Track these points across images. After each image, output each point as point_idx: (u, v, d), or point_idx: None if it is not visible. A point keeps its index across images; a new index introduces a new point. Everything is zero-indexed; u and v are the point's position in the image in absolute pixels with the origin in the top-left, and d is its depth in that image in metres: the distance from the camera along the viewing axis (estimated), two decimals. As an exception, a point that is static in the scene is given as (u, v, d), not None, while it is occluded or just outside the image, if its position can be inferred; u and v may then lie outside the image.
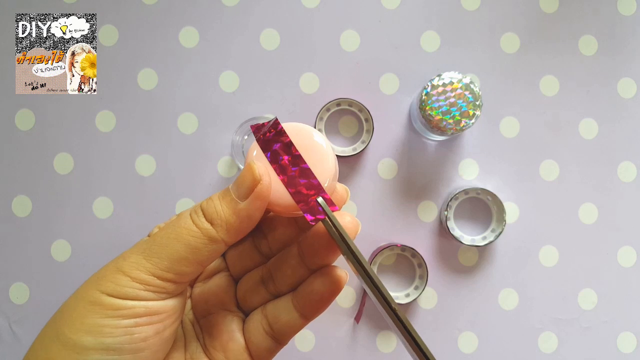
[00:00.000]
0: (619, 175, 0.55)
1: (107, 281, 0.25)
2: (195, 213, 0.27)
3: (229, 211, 0.27)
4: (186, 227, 0.26)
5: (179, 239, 0.26)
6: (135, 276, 0.25)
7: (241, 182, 0.27)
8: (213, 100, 0.55)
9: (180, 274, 0.26)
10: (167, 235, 0.26)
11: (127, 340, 0.25)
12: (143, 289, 0.25)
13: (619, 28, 0.56)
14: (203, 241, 0.26)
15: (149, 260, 0.26)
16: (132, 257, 0.26)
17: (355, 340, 0.54)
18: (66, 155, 0.54)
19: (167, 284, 0.26)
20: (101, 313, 0.25)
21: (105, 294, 0.25)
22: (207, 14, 0.55)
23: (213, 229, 0.26)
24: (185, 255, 0.26)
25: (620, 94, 0.56)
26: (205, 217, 0.27)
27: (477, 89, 0.49)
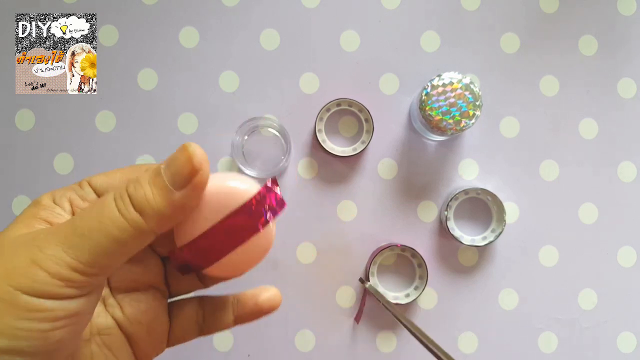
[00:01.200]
0: (619, 175, 0.56)
1: (21, 275, 0.22)
2: (121, 200, 0.23)
3: (162, 201, 0.23)
4: (111, 218, 0.23)
5: (103, 231, 0.23)
6: (54, 272, 0.22)
7: (177, 170, 0.23)
8: (213, 101, 0.55)
9: (104, 267, 0.23)
10: (89, 224, 0.23)
11: (43, 344, 0.22)
12: (64, 285, 0.22)
13: (619, 28, 0.56)
14: (130, 233, 0.23)
15: (69, 253, 0.22)
16: (49, 248, 0.22)
17: (355, 340, 0.54)
18: (66, 155, 0.54)
19: (91, 278, 0.23)
20: (15, 315, 0.21)
21: (20, 291, 0.22)
22: (207, 14, 0.55)
23: (142, 220, 0.23)
24: (109, 248, 0.23)
25: (620, 94, 0.56)
26: (134, 206, 0.23)
27: (477, 89, 0.49)
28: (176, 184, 0.23)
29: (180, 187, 0.23)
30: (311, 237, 0.54)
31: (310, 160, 0.55)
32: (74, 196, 0.27)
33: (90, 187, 0.28)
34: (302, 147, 0.55)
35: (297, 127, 0.54)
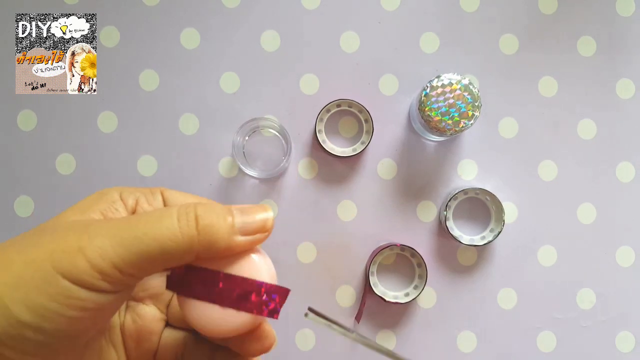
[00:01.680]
0: (618, 176, 0.56)
1: (65, 260, 0.23)
2: (186, 216, 0.24)
3: (225, 235, 0.25)
4: (169, 229, 0.24)
5: (156, 238, 0.23)
6: (96, 264, 0.23)
7: (251, 220, 0.26)
8: (214, 101, 0.55)
9: (143, 270, 0.24)
10: (144, 229, 0.24)
11: (67, 329, 0.23)
12: (100, 278, 0.23)
13: (618, 29, 0.56)
14: (182, 249, 0.24)
15: (115, 250, 0.23)
16: (98, 239, 0.23)
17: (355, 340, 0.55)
18: (68, 155, 0.55)
19: (127, 278, 0.24)
20: (51, 295, 0.22)
21: (60, 274, 0.22)
22: (208, 15, 0.55)
23: (197, 242, 0.24)
24: (156, 256, 0.24)
25: (619, 95, 0.56)
26: (197, 225, 0.24)
27: (476, 90, 0.49)
28: (243, 231, 0.25)
29: (245, 234, 0.25)
30: (311, 237, 0.55)
31: (311, 160, 0.55)
32: (142, 198, 0.28)
33: (162, 197, 0.29)
34: (303, 148, 0.55)
35: (297, 128, 0.55)
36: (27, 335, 0.22)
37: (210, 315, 0.26)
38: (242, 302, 0.26)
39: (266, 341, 0.28)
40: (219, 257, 0.26)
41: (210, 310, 0.26)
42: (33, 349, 0.23)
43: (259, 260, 0.27)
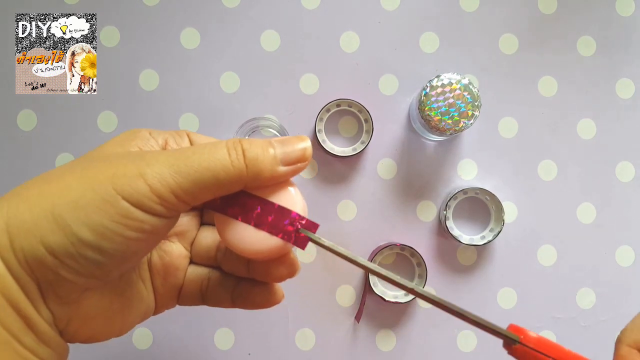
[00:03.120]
0: (617, 175, 0.56)
1: (126, 183, 0.24)
2: (234, 149, 0.26)
3: (268, 165, 0.27)
4: (222, 161, 0.26)
5: (210, 169, 0.25)
6: (156, 188, 0.24)
7: (291, 150, 0.27)
8: (214, 101, 0.55)
9: (196, 198, 0.26)
10: (199, 160, 0.25)
11: (123, 250, 0.24)
12: (159, 202, 0.24)
13: (618, 29, 0.56)
14: (232, 178, 0.26)
15: (173, 177, 0.25)
16: (157, 166, 0.25)
17: (355, 339, 0.55)
18: (68, 155, 0.55)
19: (181, 204, 0.25)
20: (111, 216, 0.24)
21: (121, 196, 0.24)
22: (208, 15, 0.55)
23: (245, 172, 0.26)
24: (209, 184, 0.25)
25: (619, 95, 0.56)
26: (244, 158, 0.26)
27: (475, 89, 0.49)
28: (285, 161, 0.27)
29: (286, 164, 0.27)
30: (311, 237, 0.55)
31: (310, 160, 0.55)
32: (170, 139, 0.30)
33: (188, 139, 0.31)
34: (302, 147, 0.55)
35: (297, 128, 0.55)
36: (86, 254, 0.24)
37: (246, 235, 0.28)
38: (275, 228, 0.28)
39: (292, 267, 0.30)
40: (262, 187, 0.28)
41: (246, 230, 0.28)
42: (89, 269, 0.24)
43: (295, 194, 0.29)
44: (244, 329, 0.54)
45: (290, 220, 0.28)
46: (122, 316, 0.29)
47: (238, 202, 0.28)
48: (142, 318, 0.31)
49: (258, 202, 0.28)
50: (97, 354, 0.54)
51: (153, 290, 0.31)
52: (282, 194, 0.28)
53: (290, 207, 0.28)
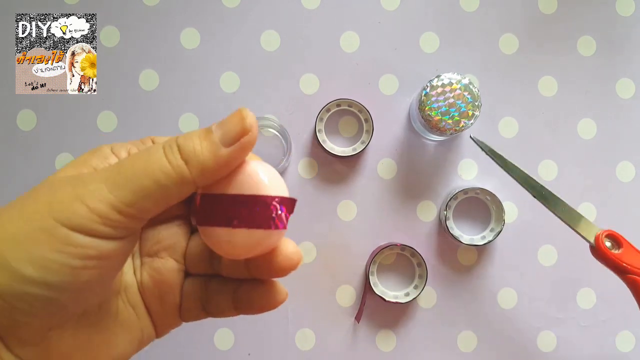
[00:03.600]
0: (618, 175, 0.56)
1: (64, 209, 0.22)
2: (170, 148, 0.24)
3: (208, 154, 0.24)
4: (158, 163, 0.24)
5: (148, 174, 0.23)
6: (94, 207, 0.22)
7: (229, 128, 0.25)
8: (214, 101, 0.55)
9: (143, 210, 0.24)
10: (135, 166, 0.24)
11: (72, 282, 0.22)
12: (101, 222, 0.23)
13: (618, 29, 0.56)
14: (174, 180, 0.24)
15: (112, 192, 0.23)
16: (93, 184, 0.23)
17: (356, 339, 0.55)
18: (68, 155, 0.55)
19: (128, 219, 0.23)
20: (51, 246, 0.22)
21: (60, 223, 0.22)
22: (208, 15, 0.55)
23: (187, 169, 0.24)
24: (152, 192, 0.23)
25: (619, 94, 0.56)
26: (181, 155, 0.24)
27: (476, 89, 0.49)
28: (225, 141, 0.24)
29: (228, 144, 0.24)
30: (311, 237, 0.55)
31: (311, 160, 0.55)
32: (133, 149, 0.28)
33: (152, 143, 0.29)
34: (302, 147, 0.55)
35: (297, 127, 0.55)
36: (33, 291, 0.22)
37: (227, 239, 0.26)
38: (252, 221, 0.25)
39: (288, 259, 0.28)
40: (224, 179, 0.26)
41: (226, 233, 0.25)
42: (41, 307, 0.23)
43: (258, 171, 0.26)
44: (244, 329, 0.54)
45: (262, 206, 0.25)
46: (108, 349, 0.27)
47: (208, 204, 0.26)
48: (137, 347, 0.29)
49: (222, 200, 0.26)
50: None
51: (149, 314, 0.29)
52: (245, 178, 0.26)
53: (257, 189, 0.26)
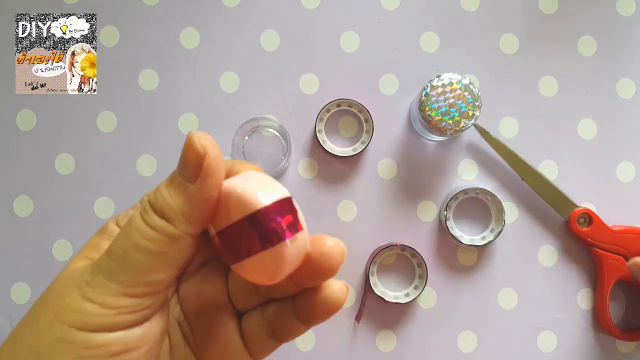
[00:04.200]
0: (618, 175, 0.56)
1: (73, 312, 0.21)
2: (145, 211, 0.22)
3: (180, 199, 0.22)
4: (140, 232, 0.22)
5: (137, 247, 0.22)
6: (102, 302, 0.21)
7: (185, 162, 0.22)
8: (214, 101, 0.55)
9: (153, 284, 0.22)
10: (122, 245, 0.22)
11: None
12: (116, 313, 0.21)
13: (618, 29, 0.56)
14: (164, 241, 0.22)
15: (112, 281, 0.22)
16: (94, 280, 0.22)
17: (356, 340, 0.55)
18: (67, 155, 0.55)
19: (143, 299, 0.22)
20: (74, 353, 0.21)
21: (74, 328, 0.21)
22: (208, 15, 0.55)
23: (169, 225, 0.22)
24: (151, 263, 0.22)
25: (620, 95, 0.56)
26: (156, 212, 0.22)
27: (476, 89, 0.49)
28: (189, 177, 0.22)
29: (193, 178, 0.22)
30: (311, 237, 0.55)
31: (311, 160, 0.55)
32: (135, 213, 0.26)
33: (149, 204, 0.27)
34: (302, 148, 0.55)
35: (297, 128, 0.55)
36: None
37: (257, 267, 0.23)
38: (262, 242, 0.22)
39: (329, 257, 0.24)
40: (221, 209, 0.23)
41: (253, 263, 0.23)
42: None
43: (238, 189, 0.23)
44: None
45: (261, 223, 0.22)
46: None
47: (222, 244, 0.24)
48: None
49: (230, 232, 0.23)
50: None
51: None
52: (233, 201, 0.23)
53: (247, 207, 0.22)
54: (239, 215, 0.23)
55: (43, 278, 0.55)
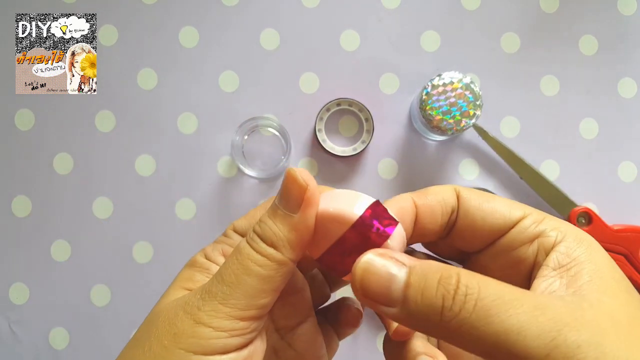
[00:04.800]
0: (620, 175, 0.55)
1: (189, 337, 0.23)
2: (253, 240, 0.25)
3: (285, 228, 0.25)
4: (251, 259, 0.24)
5: (249, 273, 0.24)
6: (217, 325, 0.23)
7: (288, 194, 0.25)
8: (213, 100, 0.55)
9: (261, 307, 0.24)
10: (234, 272, 0.24)
11: None
12: (229, 336, 0.23)
13: (620, 28, 0.56)
14: (273, 267, 0.24)
15: (226, 305, 0.24)
16: (206, 305, 0.24)
17: (356, 340, 0.54)
18: (66, 155, 0.54)
19: (251, 322, 0.24)
20: None
21: (191, 352, 0.23)
22: (207, 13, 0.55)
23: (278, 252, 0.24)
24: (260, 287, 0.24)
25: (621, 94, 0.56)
26: (265, 242, 0.25)
27: (477, 88, 0.49)
28: (291, 208, 0.25)
29: (295, 209, 0.25)
30: (311, 237, 0.54)
31: (310, 160, 0.55)
32: (226, 247, 0.29)
33: (237, 234, 0.29)
34: (302, 147, 0.55)
35: (297, 127, 0.54)
36: None
37: None
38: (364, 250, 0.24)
39: None
40: (318, 234, 0.26)
41: None
42: None
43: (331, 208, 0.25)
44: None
45: (360, 233, 0.25)
46: None
47: (328, 267, 0.26)
48: None
49: (332, 254, 0.26)
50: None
51: None
52: (328, 223, 0.25)
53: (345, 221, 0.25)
54: (339, 230, 0.25)
55: (41, 278, 0.54)
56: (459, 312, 0.20)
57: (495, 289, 0.20)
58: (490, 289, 0.20)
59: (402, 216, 0.26)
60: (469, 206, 0.26)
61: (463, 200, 0.27)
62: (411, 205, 0.27)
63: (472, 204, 0.26)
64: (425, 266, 0.21)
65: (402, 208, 0.27)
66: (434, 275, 0.21)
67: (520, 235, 0.25)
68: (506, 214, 0.26)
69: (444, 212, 0.27)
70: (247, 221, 0.29)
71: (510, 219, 0.26)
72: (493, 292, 0.20)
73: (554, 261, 0.24)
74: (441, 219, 0.27)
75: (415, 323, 0.21)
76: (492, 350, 0.19)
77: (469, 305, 0.20)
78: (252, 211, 0.30)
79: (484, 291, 0.20)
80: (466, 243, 0.27)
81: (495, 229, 0.26)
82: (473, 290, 0.20)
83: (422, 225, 0.27)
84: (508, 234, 0.26)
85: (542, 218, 0.26)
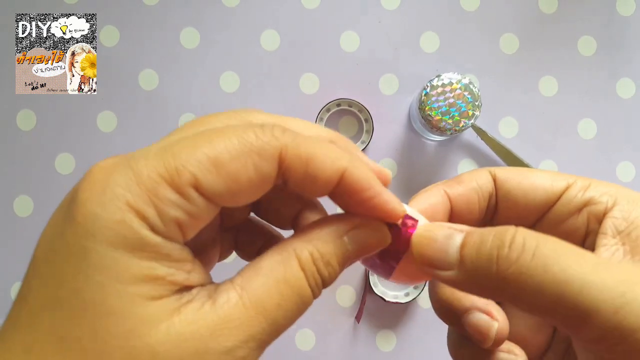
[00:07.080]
0: (618, 175, 0.56)
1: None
2: (314, 279, 0.21)
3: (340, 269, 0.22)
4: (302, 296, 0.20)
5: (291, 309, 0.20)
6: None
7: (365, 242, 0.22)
8: (214, 101, 0.55)
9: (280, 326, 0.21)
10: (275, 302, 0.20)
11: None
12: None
13: (618, 28, 0.56)
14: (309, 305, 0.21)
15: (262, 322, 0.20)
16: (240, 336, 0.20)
17: (356, 339, 0.55)
18: (67, 155, 0.55)
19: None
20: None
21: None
22: (208, 14, 0.55)
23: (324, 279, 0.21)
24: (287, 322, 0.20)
25: (619, 94, 0.56)
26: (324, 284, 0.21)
27: (476, 89, 0.49)
28: (357, 255, 0.22)
29: (360, 256, 0.22)
30: (311, 237, 0.55)
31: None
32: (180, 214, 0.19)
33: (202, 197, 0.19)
34: (302, 147, 0.55)
35: (297, 127, 0.55)
36: None
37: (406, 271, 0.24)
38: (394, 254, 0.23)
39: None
40: None
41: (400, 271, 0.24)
42: None
43: None
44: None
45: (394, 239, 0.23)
46: None
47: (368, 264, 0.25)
48: None
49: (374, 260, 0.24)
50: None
51: None
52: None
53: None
54: None
55: (43, 278, 0.54)
56: (515, 260, 0.18)
57: (555, 243, 0.19)
58: (550, 243, 0.19)
59: (432, 214, 0.24)
60: (508, 187, 0.24)
61: (500, 182, 0.24)
62: (442, 200, 0.25)
63: (511, 184, 0.24)
64: (481, 229, 0.20)
65: (432, 205, 0.25)
66: (489, 232, 0.20)
67: (568, 207, 0.23)
68: (548, 187, 0.24)
69: (482, 199, 0.25)
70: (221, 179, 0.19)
71: (554, 191, 0.24)
72: (552, 245, 0.18)
73: (611, 228, 0.22)
74: (479, 207, 0.25)
75: (472, 282, 0.20)
76: (553, 305, 0.18)
77: (527, 255, 0.18)
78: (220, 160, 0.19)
79: (543, 243, 0.18)
80: (512, 224, 0.24)
81: (540, 205, 0.24)
82: (531, 243, 0.19)
83: (458, 218, 0.25)
84: (554, 207, 0.24)
85: (589, 184, 0.23)
